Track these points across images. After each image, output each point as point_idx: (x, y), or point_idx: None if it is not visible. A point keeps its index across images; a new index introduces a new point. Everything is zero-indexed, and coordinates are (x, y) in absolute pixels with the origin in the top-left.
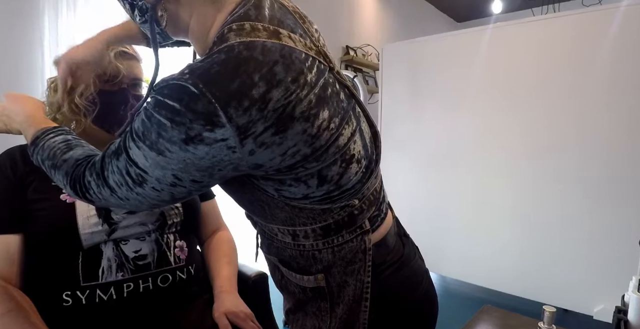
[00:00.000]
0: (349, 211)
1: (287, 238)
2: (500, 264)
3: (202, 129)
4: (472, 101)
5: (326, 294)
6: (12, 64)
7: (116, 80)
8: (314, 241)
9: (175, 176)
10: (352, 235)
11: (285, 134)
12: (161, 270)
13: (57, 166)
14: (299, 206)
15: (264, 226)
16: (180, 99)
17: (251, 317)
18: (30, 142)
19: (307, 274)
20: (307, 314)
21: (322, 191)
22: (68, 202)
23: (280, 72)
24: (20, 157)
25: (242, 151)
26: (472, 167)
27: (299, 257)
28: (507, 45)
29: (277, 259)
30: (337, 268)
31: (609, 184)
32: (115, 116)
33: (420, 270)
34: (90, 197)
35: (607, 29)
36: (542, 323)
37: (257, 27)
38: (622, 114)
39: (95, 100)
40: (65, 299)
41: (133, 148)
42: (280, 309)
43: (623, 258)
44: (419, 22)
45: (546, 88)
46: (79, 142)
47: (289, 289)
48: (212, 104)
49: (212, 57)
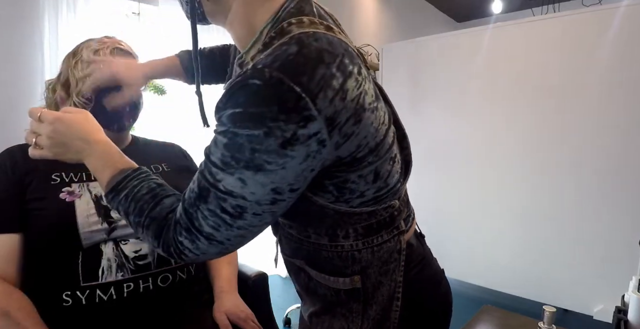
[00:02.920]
0: (390, 211)
1: (324, 240)
2: (501, 265)
3: (296, 128)
4: (472, 101)
5: (361, 295)
6: (13, 64)
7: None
8: (354, 241)
9: (274, 190)
10: (389, 235)
11: (359, 125)
12: (161, 270)
13: (145, 226)
14: (348, 212)
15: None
16: (266, 100)
17: (251, 317)
18: (108, 187)
19: (342, 276)
20: (335, 317)
21: (374, 189)
22: (67, 201)
23: (348, 63)
24: (21, 157)
25: (330, 144)
26: (471, 167)
27: (336, 258)
28: (507, 45)
29: (306, 262)
30: (373, 268)
31: (609, 184)
32: (114, 113)
33: (439, 269)
34: (187, 257)
35: (607, 29)
36: (542, 323)
37: (315, 21)
38: (621, 113)
39: (91, 97)
40: (65, 299)
41: (225, 179)
42: (281, 309)
43: (623, 258)
44: (419, 22)
45: (546, 88)
46: (163, 190)
47: (317, 292)
48: (302, 98)
49: (282, 49)
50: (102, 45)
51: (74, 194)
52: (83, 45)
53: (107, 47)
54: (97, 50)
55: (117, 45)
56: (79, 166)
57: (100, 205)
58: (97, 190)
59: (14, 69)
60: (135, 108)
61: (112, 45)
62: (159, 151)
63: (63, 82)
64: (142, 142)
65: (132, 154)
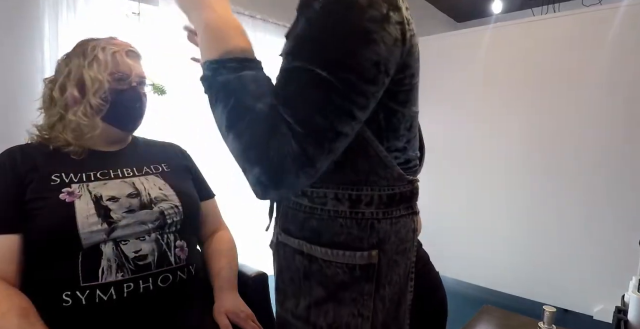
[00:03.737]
0: (410, 187)
1: (343, 206)
2: (501, 264)
3: (388, 9)
4: (472, 101)
5: (374, 273)
6: (13, 64)
7: (128, 79)
8: (375, 209)
9: (377, 64)
10: (406, 211)
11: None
12: (162, 270)
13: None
14: (383, 159)
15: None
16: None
17: (251, 317)
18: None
19: (360, 250)
20: (342, 303)
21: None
22: (67, 201)
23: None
24: (21, 157)
25: (406, 45)
26: (471, 167)
27: (355, 226)
28: (507, 45)
29: (310, 239)
30: (390, 244)
31: (608, 184)
32: (130, 113)
33: (437, 274)
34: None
35: (607, 29)
36: (542, 323)
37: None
38: (621, 113)
39: (108, 98)
40: (65, 300)
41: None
42: None
43: (623, 258)
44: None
45: (545, 88)
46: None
47: (319, 277)
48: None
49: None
50: (118, 47)
51: (73, 194)
52: (91, 45)
53: (123, 50)
54: (115, 52)
55: (129, 48)
56: (79, 166)
57: (100, 205)
58: (96, 190)
59: (14, 69)
60: (144, 108)
61: (126, 47)
62: (159, 151)
63: (76, 82)
64: (142, 142)
65: (132, 154)
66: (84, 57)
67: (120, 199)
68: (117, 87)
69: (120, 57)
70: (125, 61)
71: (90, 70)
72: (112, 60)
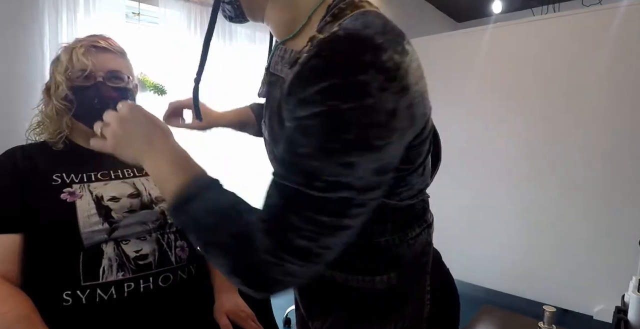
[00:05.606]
0: (422, 205)
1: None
2: (500, 264)
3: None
4: (472, 101)
5: (396, 293)
6: (12, 64)
7: (85, 75)
8: (390, 236)
9: (379, 171)
10: (420, 228)
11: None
12: (162, 270)
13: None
14: (394, 207)
15: None
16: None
17: (252, 317)
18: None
19: (378, 274)
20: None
21: (421, 182)
22: (68, 201)
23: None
24: (21, 156)
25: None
26: (471, 167)
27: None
28: (507, 45)
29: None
30: (408, 265)
31: (608, 184)
32: (91, 111)
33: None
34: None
35: (607, 29)
36: (542, 323)
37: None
38: (621, 113)
39: (70, 97)
40: (66, 299)
41: (325, 169)
42: (281, 309)
43: (623, 258)
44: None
45: (546, 88)
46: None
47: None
48: (401, 68)
49: (369, 17)
50: (76, 43)
51: (74, 194)
52: (64, 46)
53: (80, 46)
54: (73, 48)
55: (94, 43)
56: (80, 167)
57: (101, 205)
58: (97, 191)
59: (14, 69)
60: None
61: (88, 43)
62: None
63: (46, 86)
64: None
65: None
66: (57, 60)
67: (121, 200)
68: (83, 84)
69: (76, 54)
70: (82, 58)
71: (56, 72)
72: (68, 59)
